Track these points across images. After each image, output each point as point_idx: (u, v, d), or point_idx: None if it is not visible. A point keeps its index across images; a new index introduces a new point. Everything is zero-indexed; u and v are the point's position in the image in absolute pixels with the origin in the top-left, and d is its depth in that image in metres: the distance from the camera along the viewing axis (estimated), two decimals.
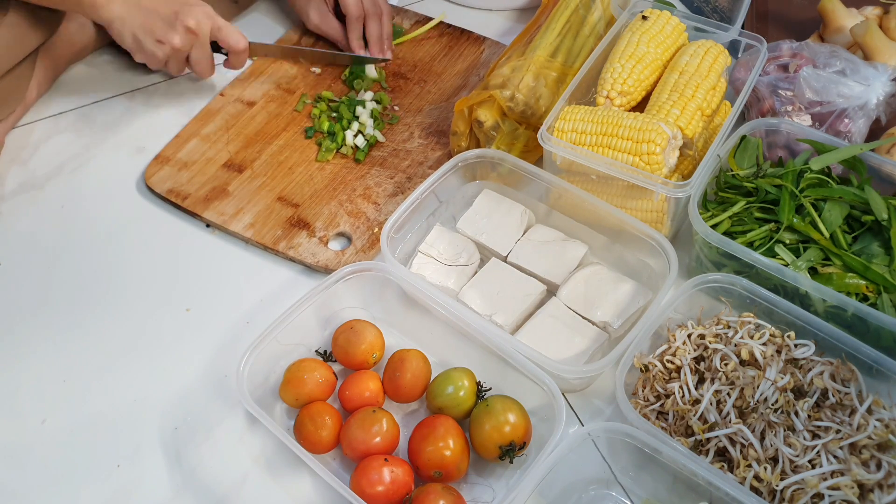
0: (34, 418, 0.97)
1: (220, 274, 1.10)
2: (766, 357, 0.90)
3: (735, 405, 0.88)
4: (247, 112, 1.28)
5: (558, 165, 1.07)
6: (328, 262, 1.09)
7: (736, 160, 1.08)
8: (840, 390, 0.88)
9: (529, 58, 1.15)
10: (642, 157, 1.00)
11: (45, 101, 1.30)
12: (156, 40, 1.16)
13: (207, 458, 0.94)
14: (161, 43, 1.17)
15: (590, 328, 1.00)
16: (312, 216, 1.14)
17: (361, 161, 1.21)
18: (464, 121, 1.15)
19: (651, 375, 0.93)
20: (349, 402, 0.94)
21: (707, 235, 0.98)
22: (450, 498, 0.85)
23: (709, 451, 0.88)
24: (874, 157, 1.05)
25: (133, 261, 1.11)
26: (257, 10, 1.48)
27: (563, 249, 1.06)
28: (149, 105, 1.31)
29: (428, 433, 0.89)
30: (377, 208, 1.16)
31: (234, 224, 1.13)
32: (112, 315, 1.06)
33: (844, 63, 1.14)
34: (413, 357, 0.96)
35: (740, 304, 0.98)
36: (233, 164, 1.20)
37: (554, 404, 0.89)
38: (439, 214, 1.13)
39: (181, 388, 0.99)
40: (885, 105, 1.12)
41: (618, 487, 0.91)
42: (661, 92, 1.08)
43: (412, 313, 1.05)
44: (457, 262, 1.06)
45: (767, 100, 1.14)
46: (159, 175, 1.18)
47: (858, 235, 1.00)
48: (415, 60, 1.37)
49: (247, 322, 1.05)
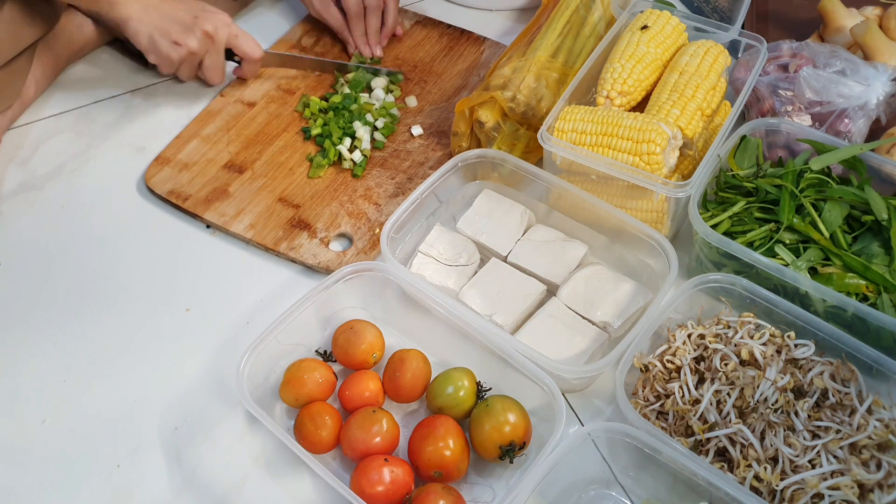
0: (34, 418, 0.97)
1: (219, 274, 1.10)
2: (766, 357, 0.90)
3: (735, 405, 0.88)
4: (247, 113, 1.28)
5: (558, 165, 1.07)
6: (329, 263, 1.09)
7: (736, 160, 1.08)
8: (840, 390, 0.88)
9: (530, 58, 1.15)
10: (642, 157, 1.00)
11: (45, 100, 1.30)
12: (172, 42, 1.17)
13: (207, 458, 0.94)
14: (177, 45, 1.17)
15: (590, 328, 1.00)
16: (313, 217, 1.14)
17: (359, 176, 1.19)
18: (465, 121, 1.15)
19: (651, 375, 0.93)
20: (349, 402, 0.94)
21: (707, 235, 0.98)
22: (450, 498, 0.85)
23: (709, 451, 0.88)
24: (874, 157, 1.05)
25: (133, 261, 1.11)
26: (258, 7, 1.47)
27: (563, 249, 1.06)
28: (149, 105, 1.31)
29: (428, 433, 0.89)
30: (378, 209, 1.16)
31: (235, 225, 1.13)
32: (112, 315, 1.06)
33: (844, 63, 1.14)
34: (413, 357, 0.96)
35: (740, 304, 0.98)
36: (233, 165, 1.20)
37: (554, 404, 0.89)
38: (439, 214, 1.13)
39: (181, 388, 0.99)
40: (885, 105, 1.12)
41: (618, 487, 0.91)
42: (661, 92, 1.08)
43: (412, 313, 1.05)
44: (457, 262, 1.06)
45: (767, 100, 1.14)
46: (160, 176, 1.18)
47: (858, 235, 1.00)
48: (415, 61, 1.37)
49: (247, 322, 1.05)
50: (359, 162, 1.19)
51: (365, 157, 1.20)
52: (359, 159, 1.20)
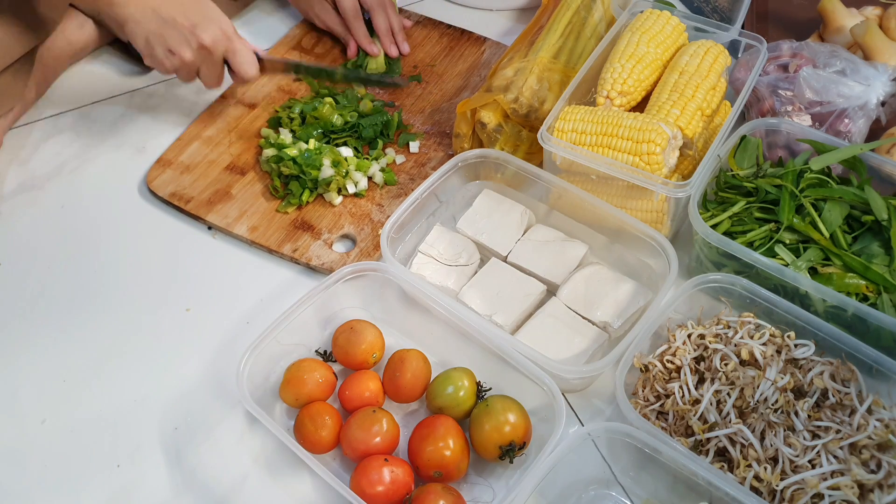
0: (34, 418, 0.97)
1: (220, 274, 1.11)
2: (766, 357, 0.90)
3: (735, 405, 0.88)
4: (248, 114, 1.27)
5: (558, 165, 1.07)
6: (333, 265, 1.09)
7: (736, 160, 1.08)
8: (840, 390, 0.88)
9: (532, 60, 1.15)
10: (642, 157, 1.00)
11: (45, 100, 1.30)
12: (167, 50, 1.13)
13: (207, 458, 0.94)
14: (172, 54, 1.13)
15: (590, 328, 1.00)
16: (316, 218, 1.14)
17: (363, 196, 1.17)
18: (466, 123, 1.15)
19: (651, 375, 0.93)
20: (349, 402, 0.94)
21: (707, 235, 0.98)
22: (450, 498, 0.85)
23: (709, 451, 0.88)
24: (874, 157, 1.05)
25: (133, 261, 1.11)
26: (259, 6, 1.47)
27: (563, 249, 1.06)
28: (149, 105, 1.31)
29: (428, 433, 0.89)
30: (381, 209, 1.16)
31: (238, 227, 1.13)
32: (112, 315, 1.06)
33: (844, 63, 1.14)
34: (413, 357, 0.96)
35: (740, 304, 0.98)
36: (235, 167, 1.20)
37: (554, 404, 0.89)
38: (439, 214, 1.13)
39: (181, 388, 0.99)
40: (885, 105, 1.12)
41: (618, 487, 0.91)
42: (661, 92, 1.08)
43: (412, 313, 1.05)
44: (457, 262, 1.06)
45: (767, 100, 1.14)
46: (161, 178, 1.18)
47: (858, 235, 1.00)
48: (415, 61, 1.37)
49: (247, 322, 1.05)
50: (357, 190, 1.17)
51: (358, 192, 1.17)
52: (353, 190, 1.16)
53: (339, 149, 1.18)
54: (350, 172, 1.15)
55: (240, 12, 1.44)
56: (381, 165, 1.18)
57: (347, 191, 1.16)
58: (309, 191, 1.14)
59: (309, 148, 1.15)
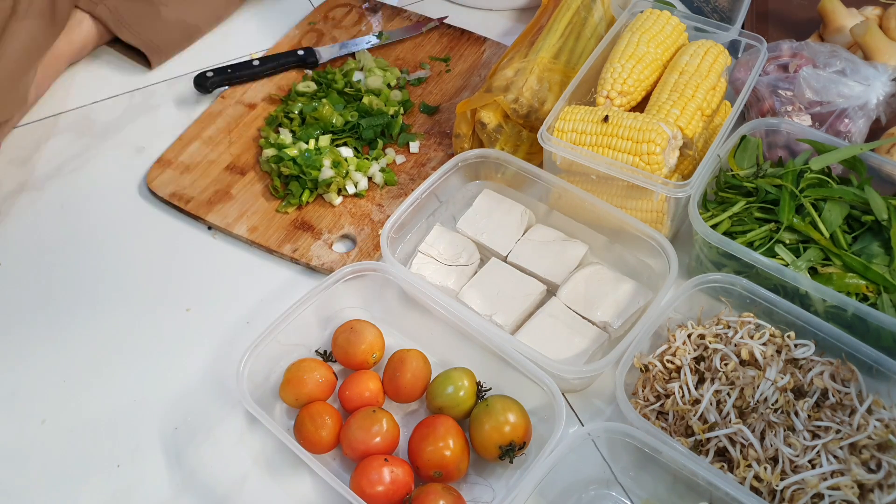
0: (34, 418, 0.97)
1: (220, 274, 1.10)
2: (766, 357, 0.90)
3: (735, 405, 0.88)
4: (248, 114, 1.27)
5: (558, 165, 1.07)
6: (333, 265, 1.09)
7: (736, 160, 1.08)
8: (840, 390, 0.88)
9: (533, 60, 1.15)
10: (642, 157, 1.00)
11: (45, 101, 1.30)
12: None
13: (207, 458, 0.94)
14: None
15: (590, 328, 1.00)
16: (316, 218, 1.14)
17: (363, 196, 1.17)
18: (466, 123, 1.15)
19: (651, 375, 0.93)
20: (349, 402, 0.94)
21: (707, 235, 0.98)
22: (450, 498, 0.85)
23: (709, 451, 0.88)
24: (874, 157, 1.05)
25: (132, 261, 1.11)
26: (259, 7, 1.47)
27: (563, 249, 1.06)
28: (149, 105, 1.31)
29: (428, 433, 0.89)
30: (381, 210, 1.16)
31: (238, 227, 1.13)
32: (112, 315, 1.06)
33: (844, 63, 1.14)
34: (413, 357, 0.96)
35: (740, 304, 0.98)
36: (235, 167, 1.20)
37: (554, 404, 0.89)
38: (439, 214, 1.13)
39: (181, 388, 0.99)
40: (885, 105, 1.12)
41: (618, 487, 0.91)
42: (661, 92, 1.08)
43: (412, 313, 1.05)
44: (457, 262, 1.06)
45: (767, 100, 1.14)
46: (161, 178, 1.18)
47: (858, 235, 1.00)
48: (416, 62, 1.37)
49: (247, 322, 1.05)
50: (358, 191, 1.17)
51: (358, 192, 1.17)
52: (353, 190, 1.16)
53: (339, 149, 1.18)
54: (350, 173, 1.16)
55: (239, 6, 1.44)
56: (381, 165, 1.19)
57: (347, 191, 1.16)
58: (309, 191, 1.14)
59: (309, 148, 1.16)
